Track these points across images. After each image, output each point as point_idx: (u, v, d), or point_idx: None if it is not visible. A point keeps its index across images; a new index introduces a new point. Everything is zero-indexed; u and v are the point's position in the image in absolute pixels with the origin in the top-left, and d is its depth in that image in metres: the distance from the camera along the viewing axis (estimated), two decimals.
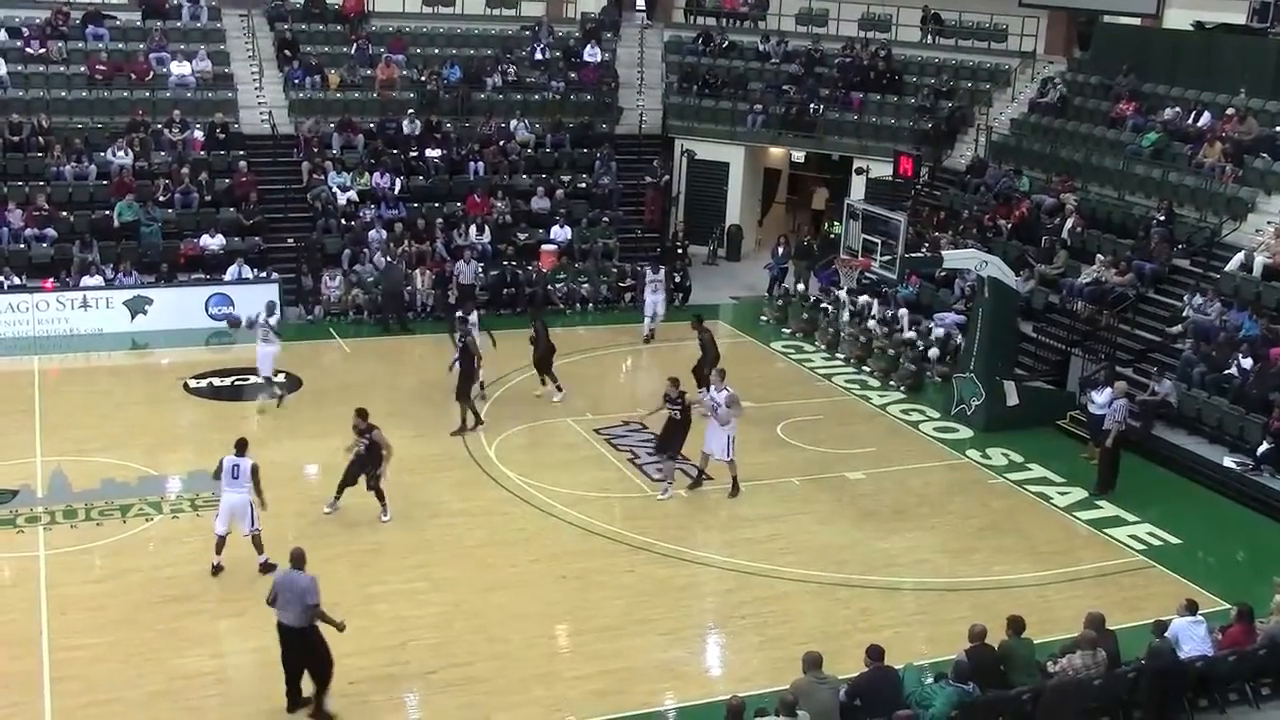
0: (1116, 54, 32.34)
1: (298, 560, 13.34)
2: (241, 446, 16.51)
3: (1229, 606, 15.48)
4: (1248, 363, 22.25)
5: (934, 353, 26.12)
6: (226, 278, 27.72)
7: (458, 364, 21.83)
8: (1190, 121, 29.24)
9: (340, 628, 13.46)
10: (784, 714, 11.81)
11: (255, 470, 16.36)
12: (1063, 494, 20.73)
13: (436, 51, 35.63)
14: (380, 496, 18.45)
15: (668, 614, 16.21)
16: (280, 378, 23.48)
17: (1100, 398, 21.69)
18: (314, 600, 13.17)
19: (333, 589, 16.07)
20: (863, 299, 28.28)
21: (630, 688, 14.51)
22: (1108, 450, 20.81)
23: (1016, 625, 13.67)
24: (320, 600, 13.23)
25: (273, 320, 22.82)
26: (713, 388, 19.83)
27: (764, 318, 29.77)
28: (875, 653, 12.79)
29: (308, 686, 13.55)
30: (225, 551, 16.88)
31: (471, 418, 21.91)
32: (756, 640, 15.72)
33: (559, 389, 23.41)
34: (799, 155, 37.78)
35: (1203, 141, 28.06)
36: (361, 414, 18.49)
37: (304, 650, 13.33)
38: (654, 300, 27.71)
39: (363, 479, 18.28)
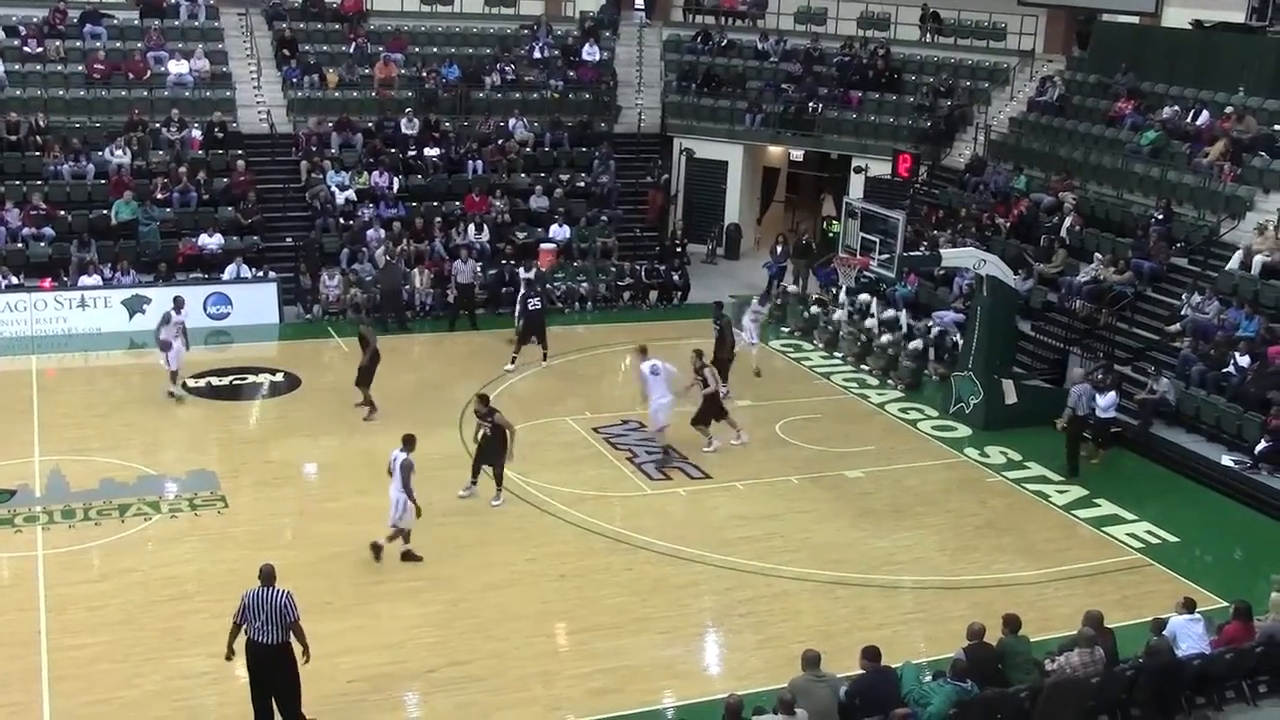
0: (1115, 53, 32.35)
1: (268, 578, 12.87)
2: (408, 442, 16.73)
3: (1227, 604, 15.50)
4: (1245, 361, 22.26)
5: (932, 351, 26.11)
6: (225, 277, 27.72)
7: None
8: (1189, 120, 29.25)
9: (306, 656, 12.88)
10: (782, 712, 11.80)
11: (406, 466, 16.46)
12: (1061, 492, 20.74)
13: (435, 50, 35.62)
14: (499, 481, 18.91)
15: (666, 613, 16.21)
16: (279, 377, 23.49)
17: (1104, 400, 21.72)
18: (295, 616, 12.77)
19: (331, 588, 16.18)
20: (861, 297, 28.27)
21: (629, 686, 14.51)
22: (1074, 436, 21.37)
23: (1012, 624, 13.68)
24: (300, 616, 12.85)
25: (181, 315, 22.79)
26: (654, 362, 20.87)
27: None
28: (871, 654, 12.76)
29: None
30: (224, 551, 16.96)
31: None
32: (755, 639, 15.72)
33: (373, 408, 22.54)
34: (798, 154, 37.79)
35: (1202, 140, 28.07)
36: (483, 399, 19.03)
37: (277, 669, 12.84)
38: (751, 329, 25.64)
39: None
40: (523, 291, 25.80)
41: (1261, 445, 20.83)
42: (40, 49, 31.75)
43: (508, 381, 24.38)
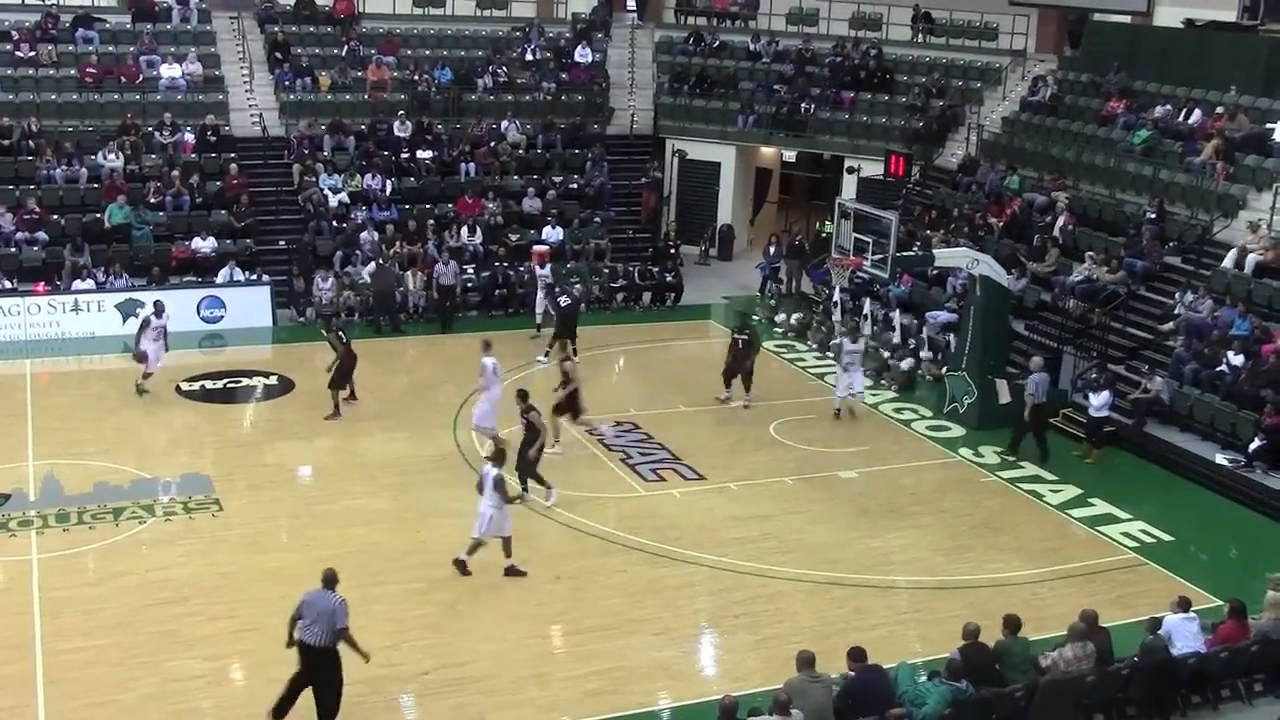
0: (1107, 52, 32.39)
1: (328, 581, 13.13)
2: (499, 457, 16.80)
3: (1222, 603, 15.49)
4: (1239, 359, 22.29)
5: (926, 352, 26.14)
6: (218, 280, 27.70)
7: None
8: (1181, 119, 29.29)
9: (366, 658, 13.29)
10: (777, 713, 11.80)
11: (500, 481, 16.47)
12: (1055, 492, 20.77)
13: (427, 53, 35.61)
14: (534, 478, 18.97)
15: (661, 614, 16.21)
16: (273, 380, 23.46)
17: (1097, 399, 21.76)
18: (343, 624, 12.94)
19: None
20: (855, 298, 28.28)
21: (624, 688, 14.51)
22: (1024, 421, 21.92)
23: (1012, 624, 13.69)
24: (350, 624, 13.03)
25: (162, 319, 22.86)
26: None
27: (756, 317, 29.76)
28: (858, 654, 12.73)
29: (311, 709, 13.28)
30: (219, 554, 16.97)
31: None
32: (750, 639, 15.73)
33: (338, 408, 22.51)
34: (790, 155, 37.82)
35: (1195, 139, 28.11)
36: (522, 395, 19.08)
37: (319, 672, 13.05)
38: (853, 377, 23.72)
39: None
40: (541, 292, 26.82)
41: (1255, 443, 20.86)
42: (33, 53, 31.70)
43: (503, 382, 24.32)
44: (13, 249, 27.34)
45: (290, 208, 30.54)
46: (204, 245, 28.34)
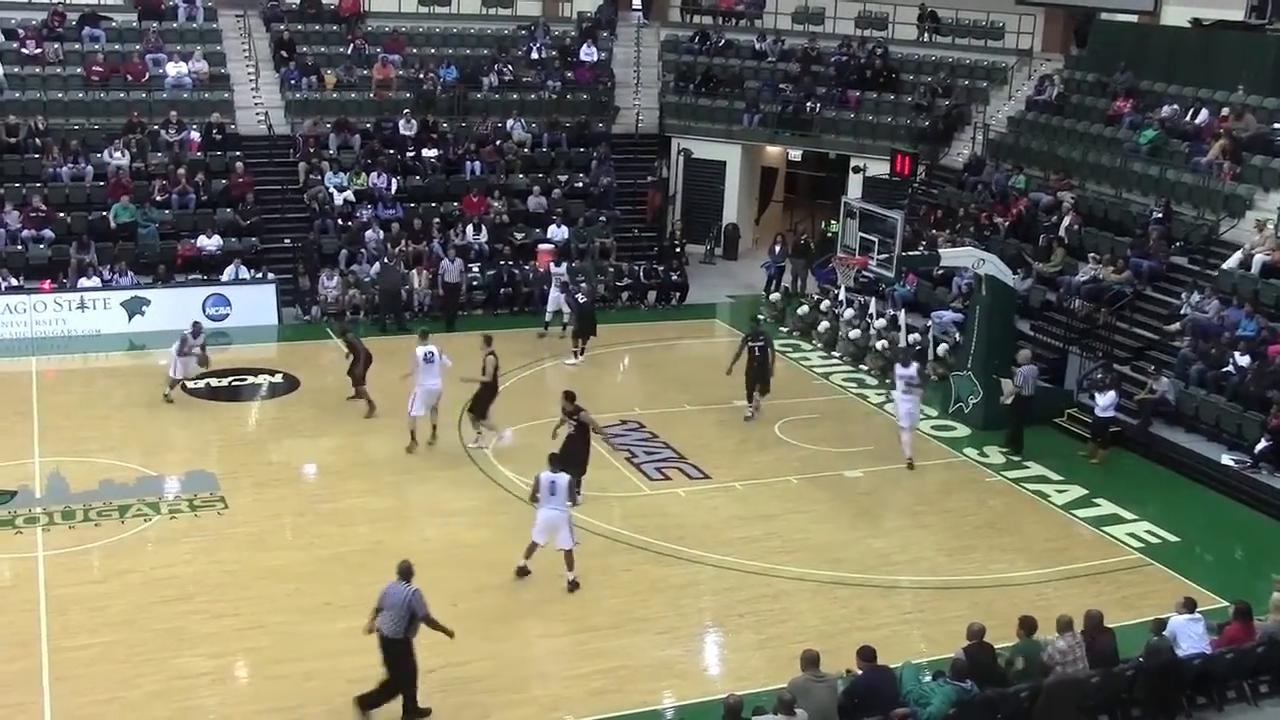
0: (1114, 51, 32.32)
1: (404, 573, 13.38)
2: (555, 461, 16.62)
3: (1227, 604, 15.51)
4: (1245, 360, 22.25)
5: (931, 351, 26.10)
6: (224, 278, 27.75)
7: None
8: (1188, 119, 29.24)
9: (450, 634, 13.60)
10: (782, 712, 11.81)
11: (571, 485, 16.40)
12: (1060, 492, 20.74)
13: (433, 51, 35.63)
14: (579, 471, 18.91)
15: (665, 613, 16.21)
16: (278, 378, 23.50)
17: (1103, 399, 21.73)
18: (423, 613, 13.24)
19: (330, 589, 16.19)
20: (860, 297, 28.25)
21: (628, 686, 14.51)
22: (1012, 414, 22.17)
23: (1029, 626, 13.66)
24: (429, 613, 13.29)
25: (199, 340, 22.82)
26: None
27: (761, 316, 29.73)
28: (867, 654, 12.76)
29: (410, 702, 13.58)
30: (224, 552, 16.97)
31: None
32: (754, 639, 15.72)
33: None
34: (796, 154, 37.79)
35: (1201, 139, 28.07)
36: (569, 396, 19.06)
37: (392, 661, 13.34)
38: (910, 405, 21.65)
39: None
40: (556, 290, 27.24)
41: (1261, 444, 20.81)
42: (39, 51, 31.76)
43: (509, 380, 24.32)
44: (19, 246, 27.40)
45: (295, 206, 30.55)
46: (209, 243, 28.37)
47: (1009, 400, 22.56)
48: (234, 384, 24.19)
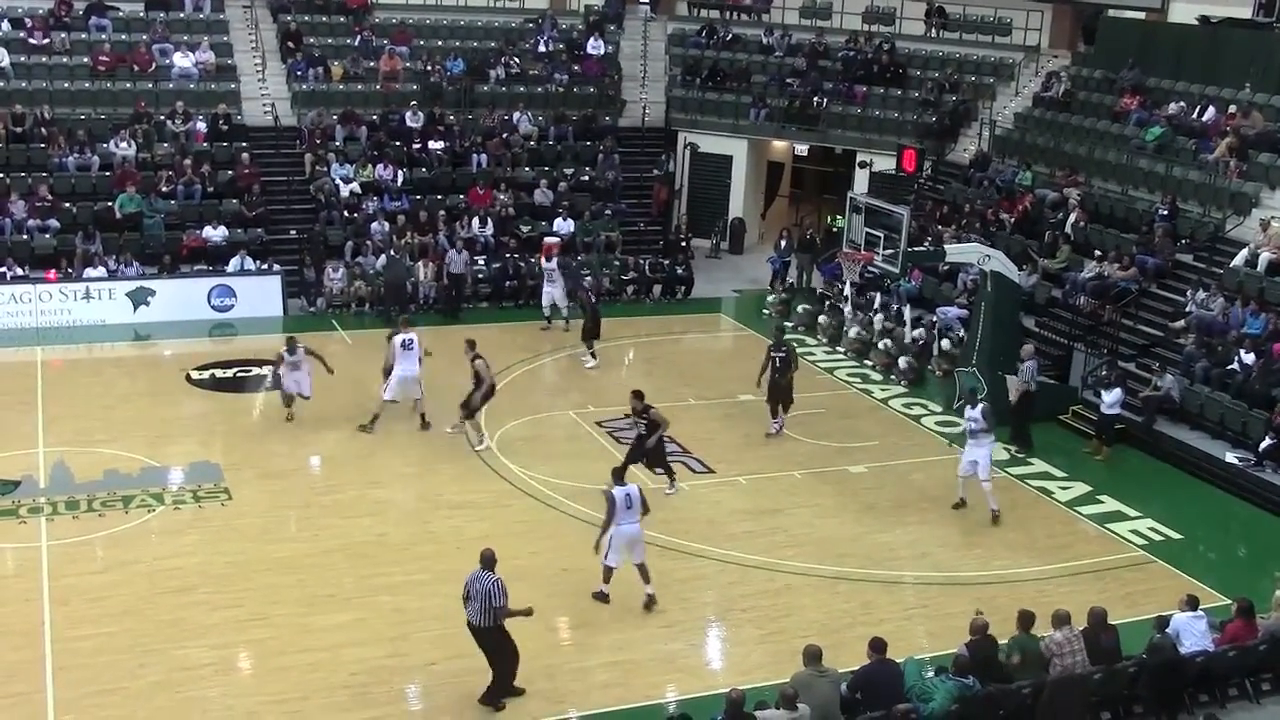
0: (1121, 48, 32.27)
1: (487, 562, 13.54)
2: (619, 474, 16.27)
3: (1230, 602, 15.49)
4: (1250, 358, 22.23)
5: (936, 347, 26.09)
6: (229, 269, 27.77)
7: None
8: (1195, 116, 29.19)
9: (528, 613, 13.80)
10: (784, 707, 11.83)
11: (641, 497, 16.21)
12: (1064, 489, 20.73)
13: (440, 44, 35.60)
14: (667, 469, 19.27)
15: (669, 607, 16.19)
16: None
17: (1108, 397, 21.71)
18: (499, 603, 13.36)
19: (334, 580, 16.23)
20: (865, 293, 28.24)
21: (632, 680, 14.53)
22: (1016, 410, 22.09)
23: (1026, 620, 13.67)
24: (507, 603, 13.43)
25: (297, 355, 21.85)
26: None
27: (766, 311, 29.77)
28: (878, 645, 12.81)
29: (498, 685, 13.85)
30: (227, 543, 17.03)
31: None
32: (757, 633, 15.73)
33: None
34: (802, 149, 37.76)
35: (1208, 136, 28.02)
36: (638, 395, 19.19)
37: (488, 648, 13.62)
38: (979, 452, 19.61)
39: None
40: (548, 285, 27.33)
41: (1266, 442, 20.79)
42: (46, 41, 31.77)
43: (513, 374, 24.37)
44: (25, 236, 27.41)
45: (301, 197, 30.55)
46: (215, 234, 28.38)
47: (1015, 399, 22.56)
48: (239, 375, 24.21)
